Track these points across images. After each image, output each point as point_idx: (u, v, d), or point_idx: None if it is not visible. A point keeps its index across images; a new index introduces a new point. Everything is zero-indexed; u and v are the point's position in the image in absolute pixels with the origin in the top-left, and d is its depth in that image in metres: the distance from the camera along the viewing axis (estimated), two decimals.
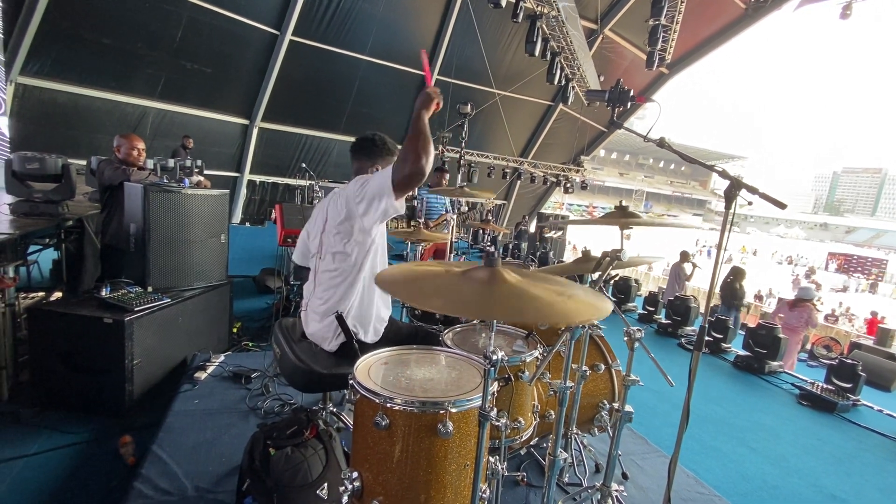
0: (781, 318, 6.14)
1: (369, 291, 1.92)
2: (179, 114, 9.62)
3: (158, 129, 9.42)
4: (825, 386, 4.49)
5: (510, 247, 11.60)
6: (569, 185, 15.98)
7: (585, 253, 1.78)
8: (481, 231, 11.62)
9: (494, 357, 1.14)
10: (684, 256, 8.54)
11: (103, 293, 2.67)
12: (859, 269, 37.35)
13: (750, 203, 1.60)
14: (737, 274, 7.03)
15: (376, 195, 1.69)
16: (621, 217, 1.57)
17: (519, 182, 16.03)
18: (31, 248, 3.53)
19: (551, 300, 1.03)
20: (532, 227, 14.87)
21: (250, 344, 3.73)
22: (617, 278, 8.00)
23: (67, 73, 7.95)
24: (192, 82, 9.46)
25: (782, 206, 1.52)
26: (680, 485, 2.41)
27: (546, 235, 12.92)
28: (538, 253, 10.01)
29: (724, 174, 1.58)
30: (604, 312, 1.03)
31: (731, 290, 6.92)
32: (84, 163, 4.90)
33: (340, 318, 1.83)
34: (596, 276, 1.58)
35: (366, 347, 1.85)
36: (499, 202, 16.99)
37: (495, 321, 1.19)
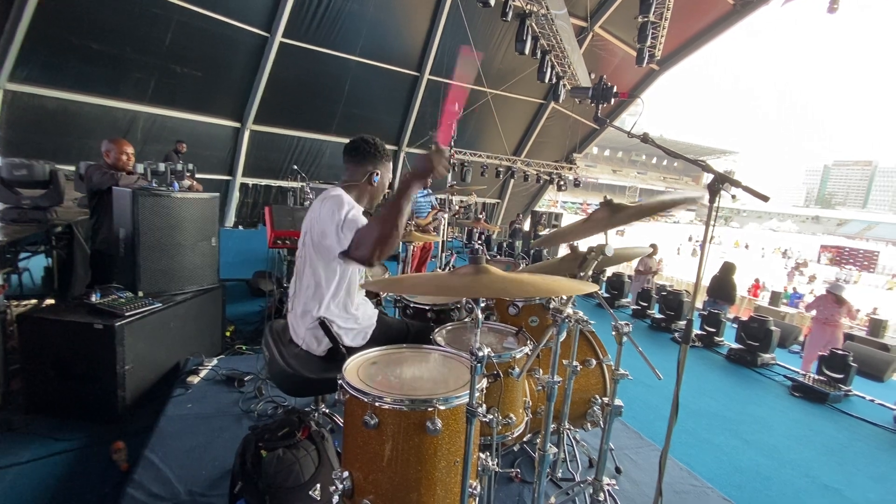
0: (815, 313, 6.19)
1: (352, 297, 1.92)
2: (170, 118, 9.56)
3: (149, 133, 9.36)
4: (817, 377, 4.53)
5: (504, 245, 11.62)
6: (562, 182, 16.02)
7: (573, 248, 1.79)
8: (475, 230, 11.63)
9: (480, 353, 1.15)
10: (654, 249, 8.67)
11: (93, 299, 2.66)
12: (851, 261, 37.67)
13: (734, 197, 1.62)
14: (728, 269, 7.08)
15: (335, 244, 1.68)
16: (609, 212, 1.57)
17: (512, 181, 16.05)
18: (22, 255, 3.52)
19: (534, 282, 1.05)
20: (526, 226, 14.90)
21: (244, 347, 3.71)
22: (610, 275, 8.06)
23: (56, 79, 7.87)
24: (183, 86, 9.39)
25: (765, 198, 1.53)
26: (673, 478, 2.43)
27: (540, 234, 12.97)
28: (532, 251, 10.04)
29: (707, 168, 1.60)
30: (584, 289, 1.06)
31: (721, 284, 6.96)
32: (74, 168, 4.88)
33: (324, 325, 1.83)
34: (583, 273, 1.59)
35: (354, 351, 1.84)
36: (492, 201, 17.01)
37: (480, 318, 1.20)
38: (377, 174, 1.92)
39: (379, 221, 1.58)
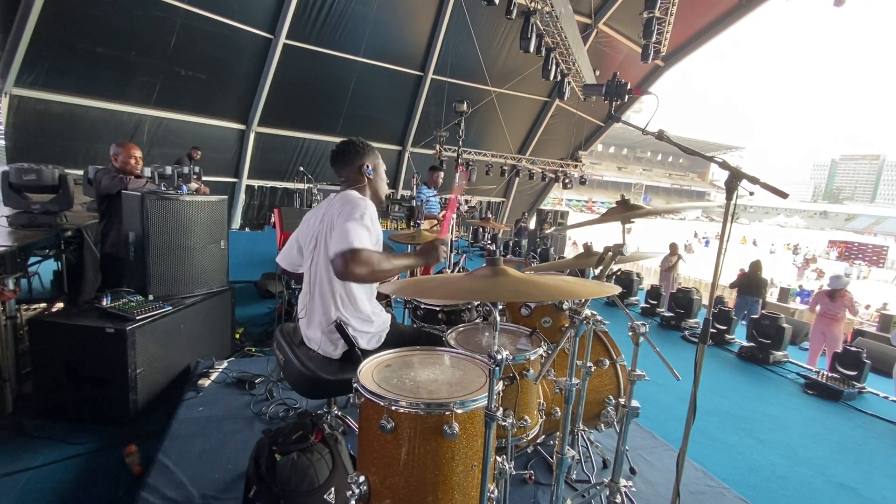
0: (818, 310, 6.27)
1: (364, 299, 1.91)
2: (175, 121, 9.61)
3: (155, 136, 9.41)
4: (830, 374, 4.48)
5: (510, 244, 11.59)
6: (567, 180, 15.95)
7: (587, 248, 1.77)
8: (481, 229, 11.60)
9: (499, 356, 1.13)
10: (673, 249, 8.62)
11: (104, 303, 2.66)
12: (860, 256, 37.30)
13: (752, 193, 1.58)
14: (756, 267, 7.12)
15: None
16: (623, 211, 1.55)
17: (517, 179, 16.01)
18: (32, 260, 3.53)
19: (556, 284, 1.03)
20: (532, 224, 14.86)
21: (253, 349, 3.72)
22: (619, 273, 8.01)
23: (62, 84, 7.93)
24: (188, 89, 9.44)
25: (784, 195, 1.50)
26: (689, 478, 2.40)
27: (546, 231, 12.92)
28: (539, 250, 10.00)
29: (724, 165, 1.57)
30: (608, 291, 1.04)
31: (753, 281, 6.97)
32: (82, 173, 4.90)
33: (340, 327, 1.82)
34: (598, 270, 1.57)
35: (369, 354, 1.84)
36: (498, 200, 16.97)
37: (498, 320, 1.18)
38: (367, 166, 1.98)
39: (388, 266, 1.67)
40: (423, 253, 1.79)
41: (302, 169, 6.43)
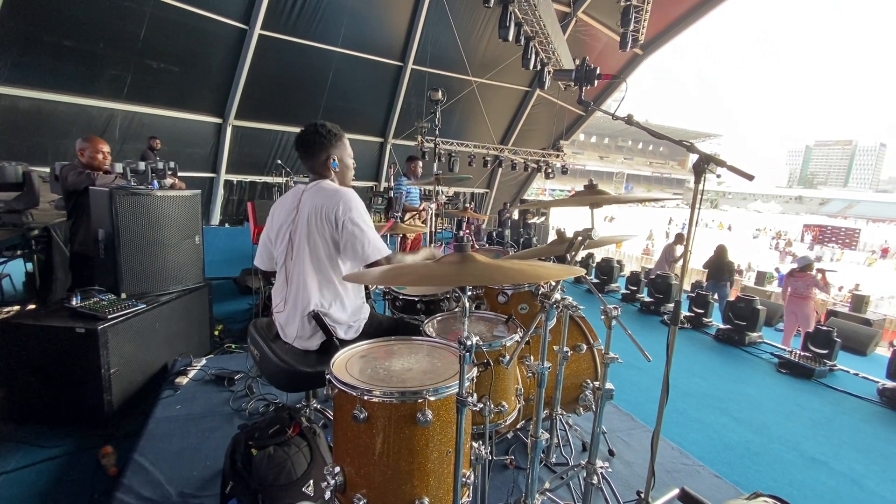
0: (789, 289, 6.49)
1: (345, 289, 1.89)
2: (148, 115, 9.33)
3: (127, 131, 9.14)
4: (802, 353, 4.62)
5: (494, 234, 11.62)
6: (550, 170, 16.02)
7: (560, 234, 1.79)
8: (465, 219, 11.61)
9: (469, 342, 1.13)
10: (679, 238, 8.70)
11: (74, 302, 2.59)
12: (833, 239, 38.35)
13: (719, 176, 1.61)
14: (721, 251, 7.26)
15: (351, 255, 1.84)
16: (589, 195, 1.57)
17: (500, 169, 16.01)
18: (0, 260, 3.42)
19: (521, 268, 1.04)
20: (515, 214, 14.92)
21: (233, 346, 3.67)
22: (600, 260, 8.10)
23: (27, 78, 7.63)
24: (160, 82, 9.16)
25: (750, 177, 1.53)
26: (665, 457, 2.46)
27: (529, 221, 12.99)
28: (521, 239, 10.05)
29: (692, 149, 1.59)
30: (569, 273, 1.06)
31: (719, 266, 7.13)
32: (49, 170, 4.75)
33: (318, 318, 1.81)
34: (569, 256, 1.58)
35: (347, 344, 1.83)
36: (481, 191, 16.97)
37: (468, 306, 1.18)
38: (333, 159, 1.93)
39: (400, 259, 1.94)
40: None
41: (280, 162, 6.31)
